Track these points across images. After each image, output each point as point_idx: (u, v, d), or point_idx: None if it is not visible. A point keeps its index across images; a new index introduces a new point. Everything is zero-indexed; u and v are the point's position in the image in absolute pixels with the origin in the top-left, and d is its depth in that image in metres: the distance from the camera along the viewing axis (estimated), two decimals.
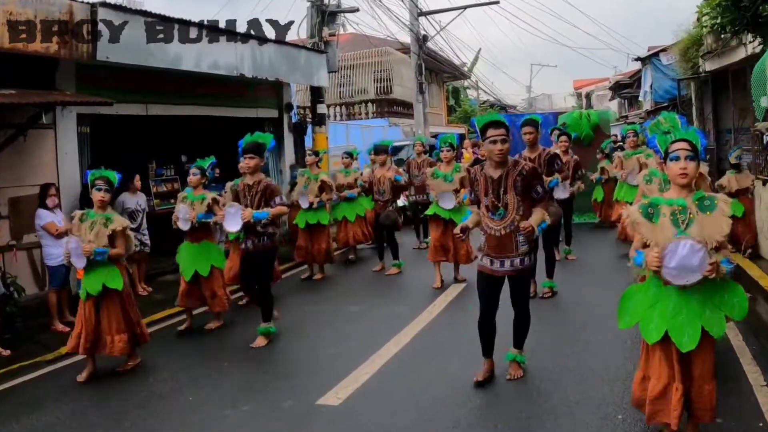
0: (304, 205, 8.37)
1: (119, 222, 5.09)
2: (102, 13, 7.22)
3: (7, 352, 5.77)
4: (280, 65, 10.57)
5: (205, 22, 9.30)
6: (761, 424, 3.62)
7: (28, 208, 6.81)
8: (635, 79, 19.37)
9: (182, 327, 6.37)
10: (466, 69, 25.81)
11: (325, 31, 12.00)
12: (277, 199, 5.48)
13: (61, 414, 4.33)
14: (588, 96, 33.77)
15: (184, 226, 6.32)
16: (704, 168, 5.20)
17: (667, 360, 3.26)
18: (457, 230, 4.51)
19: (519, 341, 4.56)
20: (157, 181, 10.30)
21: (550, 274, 6.64)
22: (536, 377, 4.47)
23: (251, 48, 9.88)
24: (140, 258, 8.05)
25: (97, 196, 5.00)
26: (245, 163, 5.44)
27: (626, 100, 24.04)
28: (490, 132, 4.16)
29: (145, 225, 8.15)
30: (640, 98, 20.03)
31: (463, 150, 15.91)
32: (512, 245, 4.25)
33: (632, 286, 3.55)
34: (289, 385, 4.62)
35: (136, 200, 8.11)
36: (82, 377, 5.00)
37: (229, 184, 5.87)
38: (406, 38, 18.59)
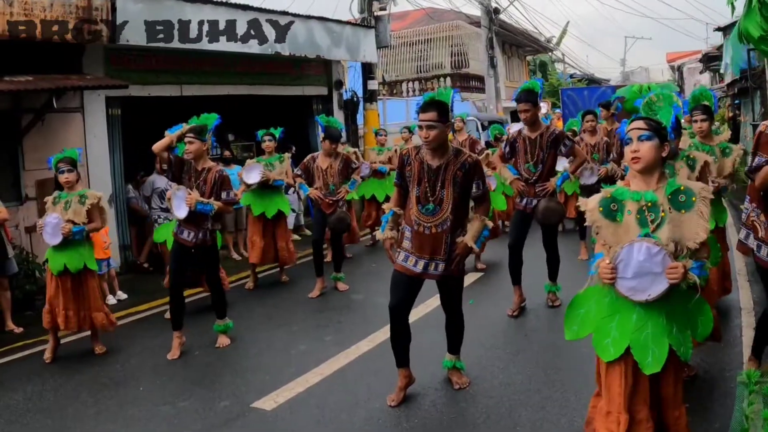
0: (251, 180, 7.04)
1: (93, 195, 5.16)
2: None
3: (19, 330, 6.08)
4: (321, 42, 10.36)
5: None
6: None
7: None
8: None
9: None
10: (552, 43, 24.38)
11: (375, 6, 11.62)
12: (224, 194, 4.97)
13: (21, 396, 4.44)
14: (680, 69, 30.81)
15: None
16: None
17: (628, 381, 2.65)
18: (386, 244, 3.87)
19: (454, 347, 4.13)
20: None
21: (553, 276, 5.71)
22: (496, 395, 4.00)
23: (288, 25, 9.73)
24: None
25: (62, 178, 5.09)
26: (186, 147, 4.95)
27: (717, 73, 21.54)
28: (420, 116, 3.65)
29: None
30: (721, 70, 17.80)
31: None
32: (441, 247, 3.74)
33: (585, 289, 2.85)
34: (238, 382, 4.47)
35: (165, 180, 8.30)
36: (48, 357, 5.14)
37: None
38: (477, 11, 17.73)
